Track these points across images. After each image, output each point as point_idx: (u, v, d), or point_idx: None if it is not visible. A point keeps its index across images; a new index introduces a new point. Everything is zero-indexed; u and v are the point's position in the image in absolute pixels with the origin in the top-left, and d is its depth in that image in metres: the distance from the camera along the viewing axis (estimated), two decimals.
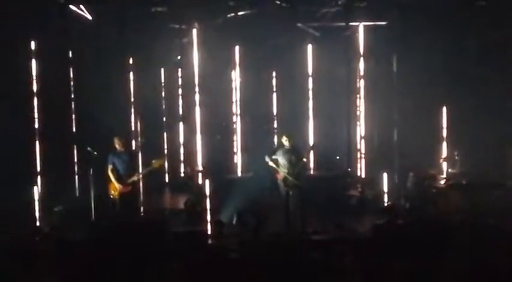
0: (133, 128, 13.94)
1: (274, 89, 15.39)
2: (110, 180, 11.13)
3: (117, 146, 11.19)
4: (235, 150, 15.13)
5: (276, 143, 14.42)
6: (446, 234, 8.59)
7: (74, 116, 13.59)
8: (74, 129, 13.55)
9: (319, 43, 14.65)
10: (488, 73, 13.78)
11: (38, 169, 12.83)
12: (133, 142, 13.26)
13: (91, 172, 10.97)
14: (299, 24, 13.77)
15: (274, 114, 15.38)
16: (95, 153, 11.08)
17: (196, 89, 13.81)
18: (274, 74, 15.35)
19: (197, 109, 13.88)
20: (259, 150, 12.82)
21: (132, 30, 12.98)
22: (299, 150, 11.72)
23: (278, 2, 12.55)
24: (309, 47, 14.93)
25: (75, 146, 13.44)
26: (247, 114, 15.09)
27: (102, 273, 7.88)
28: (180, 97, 15.70)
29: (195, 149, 13.99)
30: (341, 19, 13.49)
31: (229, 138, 15.07)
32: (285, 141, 11.54)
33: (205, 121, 13.91)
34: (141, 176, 11.37)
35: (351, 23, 13.67)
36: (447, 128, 14.47)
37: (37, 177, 12.72)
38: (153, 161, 11.32)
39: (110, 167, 11.11)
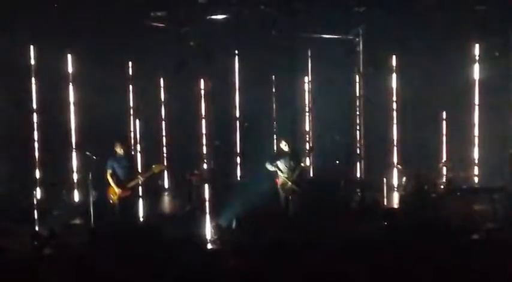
0: (132, 133, 13.94)
1: (274, 93, 15.34)
2: (109, 185, 11.13)
3: (118, 150, 11.19)
4: (234, 155, 15.11)
5: (275, 148, 14.38)
6: (445, 238, 8.59)
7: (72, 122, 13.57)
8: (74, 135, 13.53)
9: (318, 48, 14.60)
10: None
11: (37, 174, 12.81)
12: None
13: (90, 177, 10.99)
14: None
15: (274, 118, 15.34)
16: (94, 157, 11.10)
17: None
18: (273, 78, 15.31)
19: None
20: (257, 155, 12.80)
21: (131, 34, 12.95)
22: (298, 154, 11.73)
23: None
24: (308, 51, 14.91)
25: (74, 150, 13.42)
26: (246, 119, 15.07)
27: (101, 278, 7.86)
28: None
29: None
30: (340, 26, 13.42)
31: (228, 144, 15.05)
32: (284, 146, 11.55)
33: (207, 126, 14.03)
34: (140, 181, 11.39)
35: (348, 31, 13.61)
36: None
37: (36, 181, 12.69)
38: (153, 166, 11.37)
39: (109, 171, 11.12)
